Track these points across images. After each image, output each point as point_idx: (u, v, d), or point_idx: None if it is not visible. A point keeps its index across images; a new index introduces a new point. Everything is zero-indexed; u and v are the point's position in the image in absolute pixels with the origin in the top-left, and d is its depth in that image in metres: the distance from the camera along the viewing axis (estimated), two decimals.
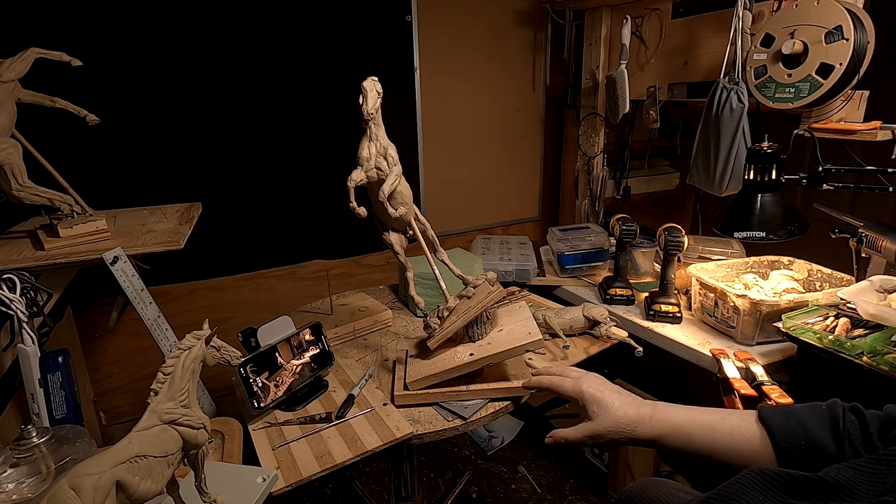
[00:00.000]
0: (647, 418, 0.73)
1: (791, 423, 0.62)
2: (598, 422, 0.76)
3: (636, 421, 0.73)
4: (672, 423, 0.71)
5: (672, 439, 0.71)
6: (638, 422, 0.73)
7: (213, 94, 1.68)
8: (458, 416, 0.97)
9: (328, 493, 1.83)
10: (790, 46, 1.25)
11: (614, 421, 0.74)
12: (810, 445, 0.59)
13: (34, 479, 0.73)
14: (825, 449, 0.58)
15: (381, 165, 1.01)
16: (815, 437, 0.59)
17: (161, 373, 0.64)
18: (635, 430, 0.73)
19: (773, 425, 0.63)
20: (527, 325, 1.07)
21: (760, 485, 0.48)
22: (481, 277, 1.07)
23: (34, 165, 1.13)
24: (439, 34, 1.99)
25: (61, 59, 1.09)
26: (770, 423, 0.63)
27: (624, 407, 0.75)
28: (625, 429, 0.74)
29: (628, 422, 0.74)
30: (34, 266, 1.04)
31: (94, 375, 1.74)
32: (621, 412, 0.74)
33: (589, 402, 0.78)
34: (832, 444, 0.58)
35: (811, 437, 0.59)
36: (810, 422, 0.61)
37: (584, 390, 0.79)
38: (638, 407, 0.74)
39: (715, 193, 1.55)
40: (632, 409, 0.74)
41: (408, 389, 1.01)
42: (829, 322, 1.10)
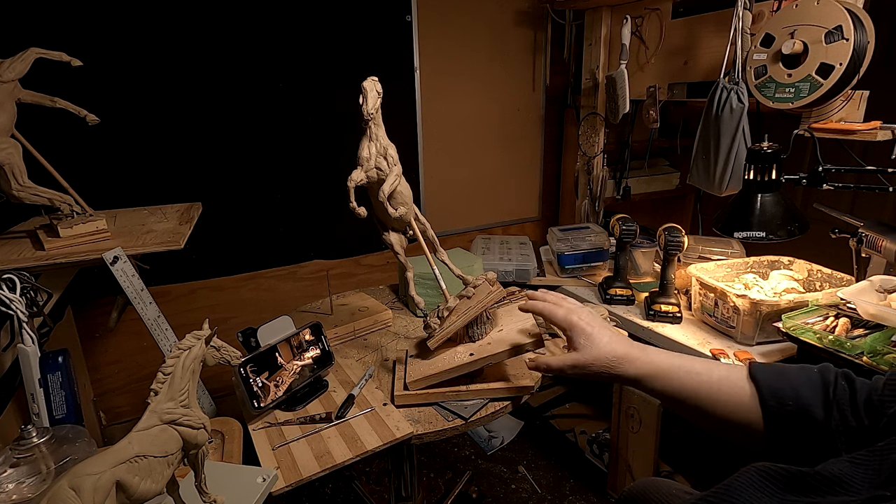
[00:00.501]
0: (633, 357, 0.73)
1: (782, 383, 0.62)
2: (582, 352, 0.76)
3: (622, 357, 0.73)
4: (659, 366, 0.71)
5: (657, 381, 0.71)
6: (624, 359, 0.73)
7: (213, 94, 1.68)
8: (458, 416, 0.97)
9: (328, 493, 1.83)
10: (790, 46, 1.25)
11: (599, 353, 0.74)
12: (798, 409, 0.59)
13: (34, 479, 0.73)
14: (813, 414, 0.58)
15: (381, 165, 1.01)
16: (804, 402, 0.59)
17: (161, 373, 0.64)
18: (619, 366, 0.73)
19: (763, 384, 0.63)
20: (527, 325, 1.07)
21: (758, 482, 0.48)
22: (481, 277, 1.07)
23: (34, 165, 1.13)
24: (439, 34, 1.99)
25: (61, 59, 1.09)
26: (760, 382, 0.63)
27: (612, 343, 0.75)
28: (609, 363, 0.74)
29: (614, 357, 0.74)
30: (34, 266, 1.04)
31: (94, 375, 1.74)
32: (608, 347, 0.74)
33: (577, 332, 0.78)
34: (821, 411, 0.58)
35: (800, 401, 0.59)
36: (801, 386, 0.60)
37: (575, 321, 0.79)
38: (627, 346, 0.74)
39: (715, 193, 1.55)
40: (620, 346, 0.74)
41: (408, 389, 1.01)
42: (829, 322, 1.10)
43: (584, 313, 0.81)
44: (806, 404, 0.59)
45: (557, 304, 0.85)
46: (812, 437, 0.58)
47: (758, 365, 0.66)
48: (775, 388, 0.62)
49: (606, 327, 0.78)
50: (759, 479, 0.49)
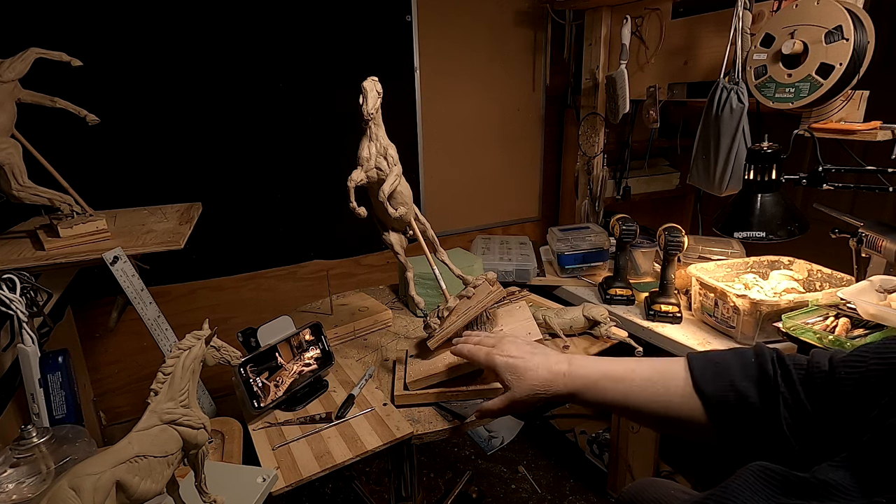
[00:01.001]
0: (560, 376, 0.73)
1: (720, 380, 0.62)
2: (515, 389, 0.77)
3: (549, 380, 0.74)
4: (585, 378, 0.72)
5: (587, 394, 0.72)
6: (551, 381, 0.74)
7: (213, 94, 1.68)
8: (458, 416, 0.97)
9: (328, 493, 1.83)
10: (790, 46, 1.25)
11: (529, 385, 0.75)
12: (742, 405, 0.60)
13: (34, 479, 0.73)
14: (755, 405, 0.59)
15: (381, 165, 1.01)
16: (747, 398, 0.60)
17: (161, 373, 0.64)
18: (550, 388, 0.74)
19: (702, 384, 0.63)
20: (527, 325, 1.07)
21: (757, 485, 0.49)
22: (481, 277, 1.07)
23: (34, 165, 1.13)
24: (439, 34, 1.99)
25: (61, 59, 1.09)
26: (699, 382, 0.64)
27: (537, 369, 0.75)
28: (539, 390, 0.74)
29: (542, 382, 0.74)
30: (34, 266, 1.04)
31: (94, 375, 1.74)
32: (534, 375, 0.75)
33: (502, 371, 0.78)
34: (760, 399, 0.59)
35: (743, 399, 0.60)
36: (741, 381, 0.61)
37: (496, 361, 0.79)
38: (551, 365, 0.75)
39: (715, 193, 1.55)
40: (544, 369, 0.75)
41: (408, 389, 1.01)
42: (829, 322, 1.10)
43: (507, 346, 0.81)
44: (746, 398, 0.60)
45: (480, 345, 0.85)
46: (758, 429, 0.59)
47: (695, 359, 0.66)
48: (714, 385, 0.63)
49: (528, 352, 0.79)
50: (756, 482, 0.49)
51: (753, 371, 0.61)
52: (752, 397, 0.60)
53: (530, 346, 0.81)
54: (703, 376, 0.64)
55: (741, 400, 0.60)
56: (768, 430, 0.58)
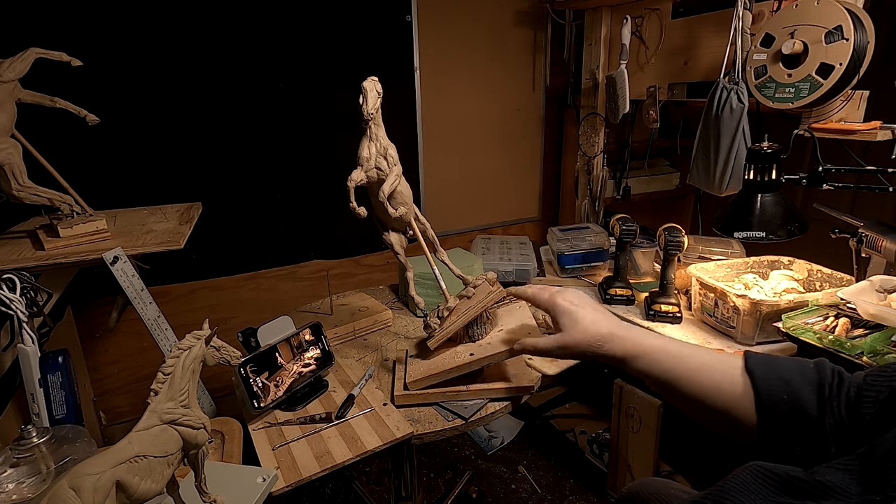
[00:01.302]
0: (618, 337, 0.73)
1: (777, 378, 0.61)
2: (567, 333, 0.76)
3: (606, 336, 0.73)
4: (642, 346, 0.71)
5: (640, 361, 0.71)
6: (608, 338, 0.73)
7: (213, 94, 1.68)
8: (458, 416, 0.97)
9: (328, 493, 1.83)
10: (790, 46, 1.25)
11: (583, 333, 0.75)
12: (793, 405, 0.59)
13: (34, 479, 0.73)
14: (808, 412, 0.58)
15: (381, 165, 1.01)
16: (800, 399, 0.59)
17: (161, 373, 0.64)
18: (604, 345, 0.73)
19: (758, 377, 0.62)
20: (527, 325, 1.07)
21: (753, 484, 0.49)
22: (481, 277, 1.07)
23: (34, 165, 1.13)
24: (439, 34, 1.99)
25: (61, 59, 1.09)
26: (755, 374, 0.63)
27: (596, 322, 0.75)
28: (593, 342, 0.74)
29: (598, 336, 0.74)
30: (34, 266, 1.04)
31: (94, 375, 1.74)
32: (592, 327, 0.75)
33: (560, 313, 0.78)
34: (815, 409, 0.58)
35: (795, 398, 0.59)
36: (797, 382, 0.60)
37: (558, 302, 0.79)
38: (612, 325, 0.74)
39: (715, 193, 1.55)
40: (604, 325, 0.74)
41: (408, 389, 1.01)
42: (829, 322, 1.10)
43: (569, 294, 0.81)
44: (801, 401, 0.59)
45: (542, 288, 0.85)
46: (805, 435, 0.58)
47: (754, 356, 0.65)
48: (770, 382, 0.62)
49: (592, 306, 0.78)
50: (753, 481, 0.49)
51: (812, 378, 0.60)
52: (809, 403, 0.58)
53: (594, 301, 0.81)
54: (757, 364, 0.63)
55: (795, 402, 0.59)
56: (815, 437, 0.57)
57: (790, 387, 0.60)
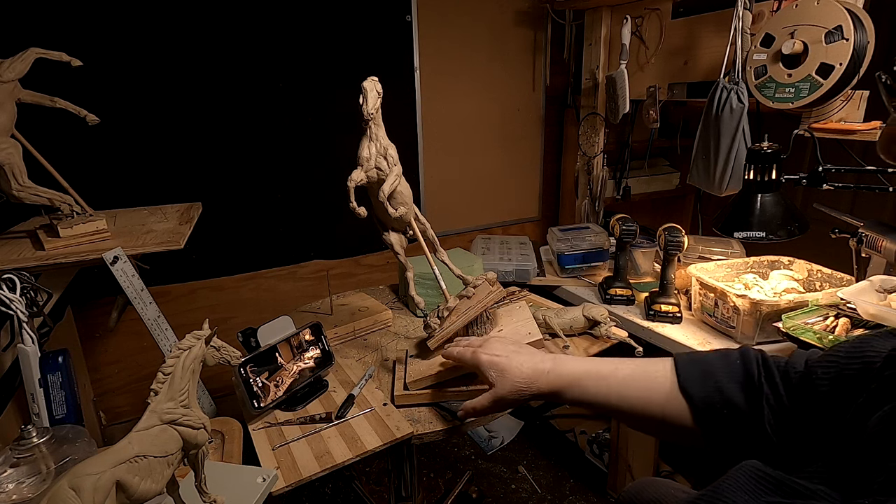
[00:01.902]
0: (544, 373, 0.74)
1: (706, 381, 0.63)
2: (498, 386, 0.77)
3: (532, 377, 0.75)
4: (568, 377, 0.72)
5: (571, 392, 0.72)
6: (535, 378, 0.74)
7: (213, 94, 1.68)
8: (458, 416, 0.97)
9: (328, 493, 1.83)
10: (790, 46, 1.25)
11: (512, 382, 0.76)
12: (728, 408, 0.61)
13: (34, 479, 0.73)
14: (738, 406, 0.60)
15: (381, 165, 1.01)
16: (732, 399, 0.60)
17: (161, 373, 0.64)
18: (533, 385, 0.74)
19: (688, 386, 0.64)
20: (527, 325, 1.07)
21: (747, 484, 0.50)
22: (481, 277, 1.07)
23: (34, 165, 1.13)
24: (439, 34, 1.99)
25: (61, 59, 1.09)
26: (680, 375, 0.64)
27: (520, 366, 0.76)
28: (522, 387, 0.75)
29: (525, 379, 0.75)
30: (34, 266, 1.04)
31: (94, 375, 1.74)
32: (517, 372, 0.76)
33: (486, 368, 0.79)
34: (745, 400, 0.60)
35: (728, 401, 0.61)
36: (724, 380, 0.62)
37: (481, 359, 0.80)
38: (536, 363, 0.75)
39: (715, 193, 1.55)
40: (528, 366, 0.76)
41: (408, 389, 1.01)
42: (829, 322, 1.10)
43: (491, 346, 0.82)
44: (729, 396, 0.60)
45: (465, 348, 0.86)
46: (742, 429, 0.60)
47: (681, 357, 0.67)
48: (696, 381, 0.63)
49: (515, 352, 0.79)
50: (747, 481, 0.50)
51: (739, 373, 0.62)
52: (738, 399, 0.60)
53: (516, 345, 0.82)
54: (688, 377, 0.65)
55: (726, 402, 0.61)
56: (752, 431, 0.59)
57: (719, 388, 0.62)
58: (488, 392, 0.79)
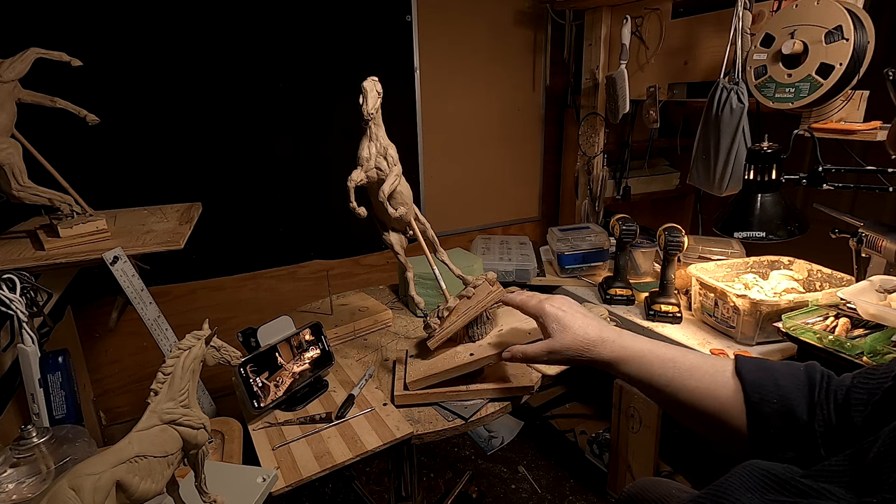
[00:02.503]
0: (608, 341, 0.73)
1: (766, 380, 0.61)
2: (556, 338, 0.77)
3: (596, 341, 0.74)
4: (631, 350, 0.72)
5: (629, 365, 0.71)
6: (598, 342, 0.74)
7: (213, 94, 1.68)
8: (458, 416, 0.97)
9: (328, 493, 1.83)
10: (790, 46, 1.25)
11: (572, 338, 0.75)
12: (782, 408, 0.59)
13: (34, 479, 0.73)
14: (798, 415, 0.58)
15: (381, 165, 1.01)
16: (790, 401, 0.59)
17: (161, 373, 0.64)
18: (593, 349, 0.74)
19: (747, 380, 0.62)
20: (527, 323, 1.07)
21: (750, 483, 0.50)
22: (481, 277, 1.07)
23: (34, 165, 1.13)
24: (439, 34, 1.99)
25: (61, 59, 1.09)
26: (745, 377, 0.63)
27: (585, 327, 0.75)
28: (583, 347, 0.74)
29: (588, 340, 0.74)
30: (34, 266, 1.04)
31: (94, 375, 1.74)
32: (581, 331, 0.75)
33: (549, 319, 0.78)
34: (805, 412, 0.58)
35: (785, 401, 0.59)
36: (786, 385, 0.60)
37: (546, 308, 0.79)
38: (601, 329, 0.75)
39: (715, 193, 1.55)
40: (593, 329, 0.75)
41: (408, 389, 1.01)
42: (829, 322, 1.10)
43: (558, 300, 0.81)
44: (791, 404, 0.59)
45: (532, 295, 0.86)
46: (795, 438, 0.58)
47: (744, 359, 0.65)
48: (760, 385, 0.61)
49: (581, 312, 0.79)
50: (750, 479, 0.50)
51: (802, 379, 0.60)
52: (797, 403, 0.59)
53: (583, 308, 0.81)
54: (746, 366, 0.63)
55: (784, 403, 0.59)
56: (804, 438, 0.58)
57: (780, 390, 0.60)
58: (544, 341, 0.79)
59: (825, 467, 0.48)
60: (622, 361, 0.72)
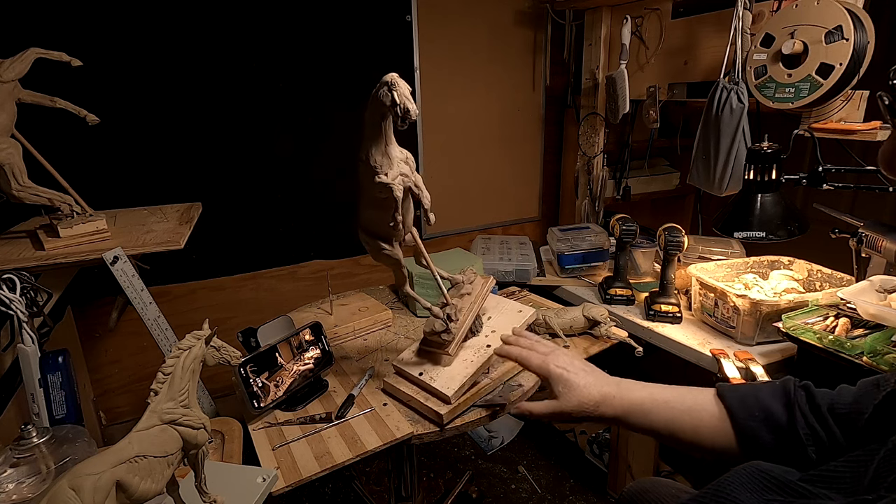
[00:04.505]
0: (609, 398, 0.75)
1: (747, 398, 0.67)
2: (563, 401, 0.77)
3: (599, 401, 0.75)
4: (632, 402, 0.74)
5: (634, 418, 0.73)
6: (601, 402, 0.75)
7: (213, 93, 1.68)
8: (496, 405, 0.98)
9: (328, 493, 1.83)
10: (790, 46, 1.25)
11: (578, 401, 0.76)
12: (764, 415, 0.64)
13: (34, 479, 0.73)
14: (777, 416, 0.63)
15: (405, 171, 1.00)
16: (769, 407, 0.64)
17: (161, 373, 0.64)
18: (598, 409, 0.75)
19: (730, 403, 0.67)
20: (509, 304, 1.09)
21: (749, 483, 0.51)
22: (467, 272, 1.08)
23: (34, 165, 1.13)
24: (439, 34, 1.99)
25: (61, 59, 1.09)
26: (727, 398, 0.68)
27: (588, 388, 0.76)
28: (588, 408, 0.75)
29: (592, 402, 0.75)
30: (34, 266, 1.04)
31: (94, 375, 1.74)
32: (585, 392, 0.76)
33: (555, 380, 0.79)
34: (783, 412, 0.63)
35: (765, 407, 0.64)
36: (764, 395, 0.66)
37: (552, 369, 0.80)
38: (602, 386, 0.76)
39: (715, 193, 1.55)
40: (595, 389, 0.76)
41: (450, 403, 0.95)
42: (829, 322, 1.10)
43: (561, 357, 0.82)
44: (769, 408, 0.64)
45: (532, 350, 0.85)
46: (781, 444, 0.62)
47: (724, 386, 0.71)
48: (742, 404, 0.66)
49: (583, 370, 0.79)
50: (749, 479, 0.51)
51: (777, 389, 0.66)
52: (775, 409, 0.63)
53: (582, 362, 0.82)
54: (727, 389, 0.69)
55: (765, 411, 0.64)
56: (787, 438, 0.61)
57: (759, 400, 0.65)
58: (551, 402, 0.79)
59: (825, 472, 0.49)
60: (626, 416, 0.74)
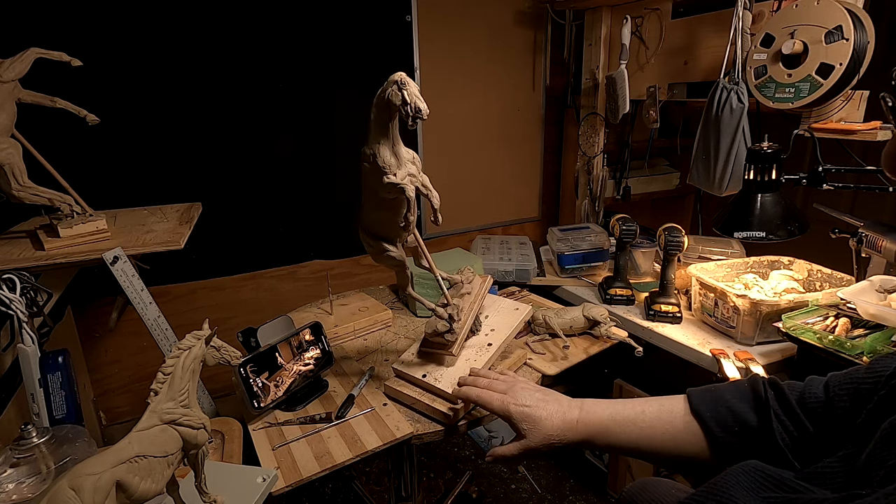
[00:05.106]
0: (573, 424, 0.74)
1: (721, 411, 0.66)
2: (530, 438, 0.76)
3: (564, 429, 0.74)
4: (596, 425, 0.73)
5: (598, 441, 0.73)
6: (565, 429, 0.74)
7: (213, 94, 1.68)
8: None
9: (328, 493, 1.83)
10: (790, 46, 1.25)
11: (544, 435, 0.75)
12: (741, 428, 0.64)
13: (34, 479, 0.73)
14: (752, 425, 0.63)
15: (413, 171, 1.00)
16: (745, 420, 0.64)
17: (161, 373, 0.64)
18: (565, 437, 0.74)
19: (706, 421, 0.66)
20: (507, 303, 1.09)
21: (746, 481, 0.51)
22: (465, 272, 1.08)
23: (34, 165, 1.13)
24: (439, 34, 1.99)
25: (61, 59, 1.09)
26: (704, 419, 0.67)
27: (551, 418, 0.75)
28: (554, 439, 0.74)
29: (557, 432, 0.74)
30: (34, 266, 1.04)
31: (94, 375, 1.74)
32: (549, 424, 0.75)
33: (518, 420, 0.77)
34: (753, 415, 0.63)
35: (741, 421, 0.64)
36: (737, 404, 0.65)
37: (512, 409, 0.78)
38: (564, 413, 0.75)
39: (715, 193, 1.55)
40: (558, 417, 0.75)
41: (458, 404, 0.95)
42: (829, 322, 1.10)
43: (519, 394, 0.80)
44: (745, 421, 0.63)
45: (490, 389, 0.84)
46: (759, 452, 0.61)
47: (694, 394, 0.69)
48: (714, 414, 0.66)
49: (542, 399, 0.78)
50: (746, 478, 0.51)
51: (747, 393, 0.65)
52: (748, 416, 0.63)
53: (541, 392, 0.80)
54: (700, 402, 0.67)
55: (737, 419, 0.64)
56: (765, 447, 0.61)
57: (735, 414, 0.65)
58: (519, 442, 0.78)
59: (819, 469, 0.50)
60: (590, 439, 0.73)
